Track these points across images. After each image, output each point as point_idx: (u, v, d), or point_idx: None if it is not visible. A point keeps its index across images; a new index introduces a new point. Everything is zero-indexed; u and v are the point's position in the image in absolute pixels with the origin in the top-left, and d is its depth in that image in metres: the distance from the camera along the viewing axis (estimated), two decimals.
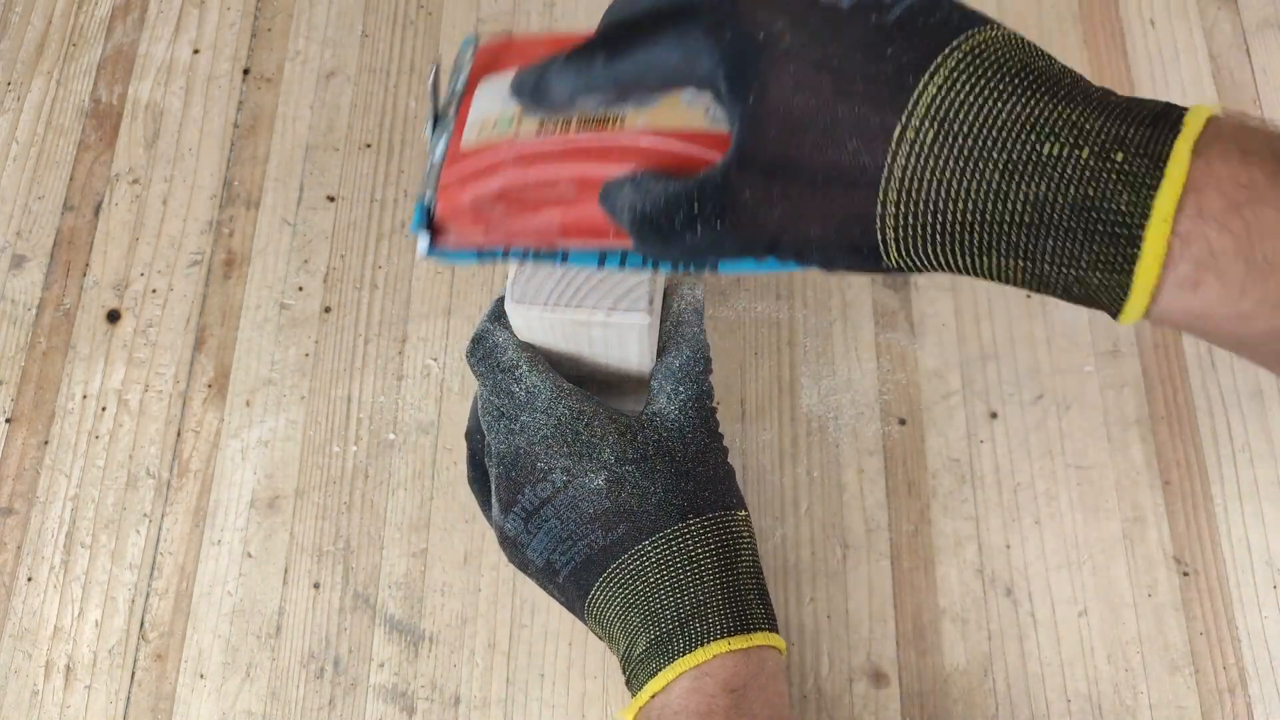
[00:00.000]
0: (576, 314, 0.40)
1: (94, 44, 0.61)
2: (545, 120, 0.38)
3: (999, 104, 0.26)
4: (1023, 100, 0.26)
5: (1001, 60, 0.27)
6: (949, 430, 0.50)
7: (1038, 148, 0.26)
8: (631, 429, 0.40)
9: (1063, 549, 0.48)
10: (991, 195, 0.26)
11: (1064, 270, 0.27)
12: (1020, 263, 0.27)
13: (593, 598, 0.40)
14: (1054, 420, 0.50)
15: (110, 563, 0.50)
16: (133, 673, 0.48)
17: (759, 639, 0.38)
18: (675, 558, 0.39)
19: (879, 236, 0.28)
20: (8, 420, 0.53)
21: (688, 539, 0.39)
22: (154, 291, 0.55)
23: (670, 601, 0.38)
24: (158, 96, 0.59)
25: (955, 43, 0.27)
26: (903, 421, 0.51)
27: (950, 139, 0.26)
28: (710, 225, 0.31)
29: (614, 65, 0.33)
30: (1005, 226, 0.27)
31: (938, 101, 0.27)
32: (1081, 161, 0.26)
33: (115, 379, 0.53)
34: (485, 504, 0.44)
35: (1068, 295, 0.28)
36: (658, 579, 0.38)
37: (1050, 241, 0.26)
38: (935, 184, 0.27)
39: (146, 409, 0.52)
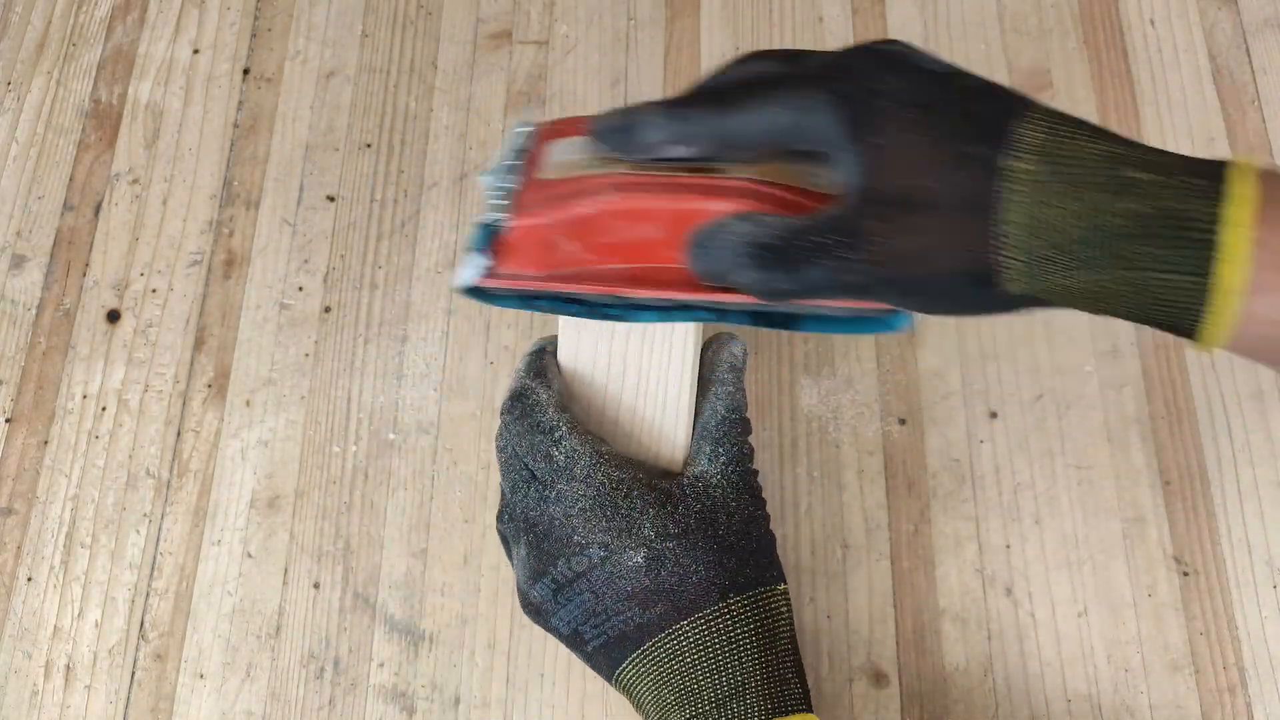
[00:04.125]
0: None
1: (94, 44, 0.61)
2: (638, 165, 0.37)
3: (1087, 144, 0.32)
4: (1103, 142, 0.32)
5: (1069, 118, 0.33)
6: (949, 430, 0.50)
7: (1127, 174, 0.31)
8: (673, 499, 0.39)
9: (1063, 549, 0.48)
10: (1097, 212, 0.31)
11: (1165, 277, 0.31)
12: (1125, 273, 0.31)
13: (623, 669, 0.39)
14: (1054, 420, 0.50)
15: (110, 563, 0.50)
16: (133, 673, 0.48)
17: None
18: (714, 639, 0.38)
19: (997, 261, 0.32)
20: (8, 420, 0.53)
21: (727, 619, 0.38)
22: (154, 291, 0.55)
23: (708, 683, 0.37)
24: (158, 96, 0.59)
25: (1027, 101, 0.33)
26: (903, 421, 0.51)
27: (1057, 170, 0.31)
28: (838, 255, 0.33)
29: (720, 119, 0.35)
30: (1111, 237, 0.31)
31: (1041, 141, 0.32)
32: (1162, 183, 0.31)
33: (115, 379, 0.53)
34: (510, 552, 0.43)
35: (1163, 313, 0.32)
36: (695, 659, 0.37)
37: (1149, 247, 0.31)
38: (1048, 207, 0.31)
39: (146, 409, 0.52)
